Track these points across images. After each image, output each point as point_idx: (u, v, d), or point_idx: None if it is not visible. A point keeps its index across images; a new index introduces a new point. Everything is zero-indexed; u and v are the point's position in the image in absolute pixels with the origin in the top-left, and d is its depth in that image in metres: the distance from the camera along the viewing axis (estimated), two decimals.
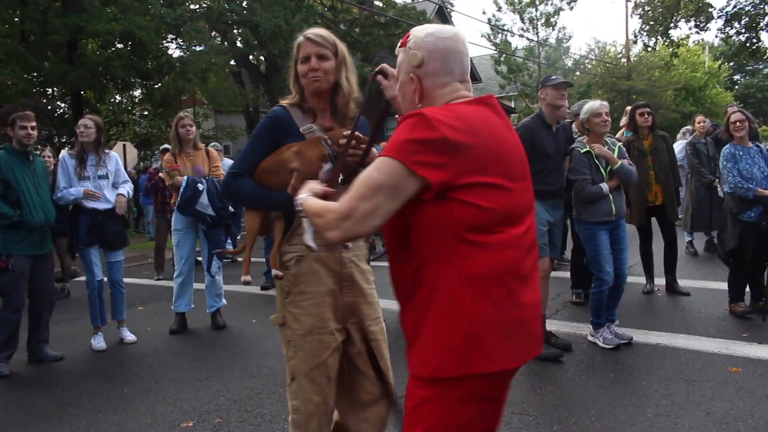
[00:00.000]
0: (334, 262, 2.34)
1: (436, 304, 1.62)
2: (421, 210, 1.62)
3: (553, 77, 4.72)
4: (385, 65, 2.15)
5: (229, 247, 6.09)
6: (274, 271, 2.37)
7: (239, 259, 10.40)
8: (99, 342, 5.50)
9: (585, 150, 4.73)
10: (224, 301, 6.11)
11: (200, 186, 5.68)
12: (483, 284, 1.60)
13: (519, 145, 1.80)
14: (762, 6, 23.18)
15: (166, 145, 9.91)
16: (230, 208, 5.89)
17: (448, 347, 1.60)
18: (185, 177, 5.70)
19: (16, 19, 16.40)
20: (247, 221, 2.46)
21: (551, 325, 5.04)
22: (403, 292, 1.73)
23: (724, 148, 5.49)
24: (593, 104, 4.80)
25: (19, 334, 5.07)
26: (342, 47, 2.42)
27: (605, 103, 4.88)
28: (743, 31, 24.22)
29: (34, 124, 5.05)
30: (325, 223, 1.66)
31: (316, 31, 2.39)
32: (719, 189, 7.14)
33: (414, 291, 1.67)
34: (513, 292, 1.64)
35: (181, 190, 5.65)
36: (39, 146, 16.30)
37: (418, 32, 1.79)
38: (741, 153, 5.34)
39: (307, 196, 1.87)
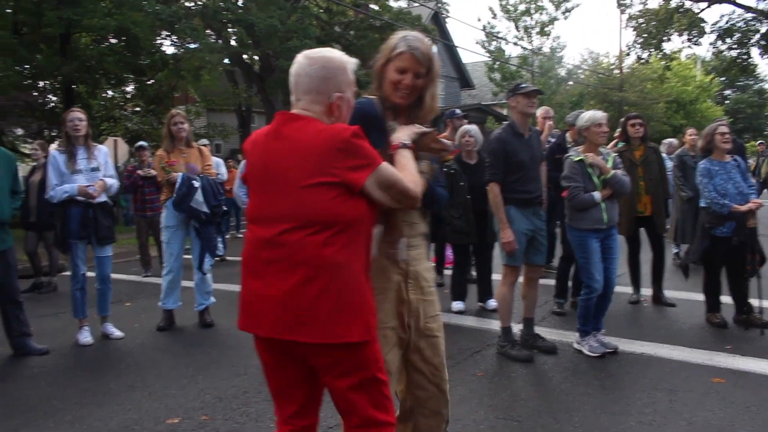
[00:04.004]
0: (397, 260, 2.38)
1: None
2: None
3: (523, 85, 4.76)
4: None
5: (220, 246, 6.08)
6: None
7: (229, 258, 10.39)
8: (85, 336, 5.48)
9: (578, 158, 4.77)
10: (213, 299, 6.10)
11: (195, 183, 5.67)
12: (242, 264, 2.16)
13: (287, 157, 2.04)
14: (753, 23, 23.45)
15: (141, 143, 9.86)
16: (223, 206, 5.90)
17: None
18: (180, 174, 5.69)
19: (9, 11, 16.29)
20: None
21: (538, 332, 5.07)
22: None
23: (700, 163, 5.50)
24: (596, 114, 4.81)
25: None
26: (437, 64, 2.42)
27: (606, 114, 4.91)
28: (735, 46, 24.51)
29: None
30: None
31: (420, 47, 2.36)
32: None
33: None
34: (245, 276, 2.13)
35: (177, 186, 5.64)
36: (30, 140, 16.30)
37: None
38: (717, 168, 5.36)
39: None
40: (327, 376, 2.08)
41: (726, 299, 5.65)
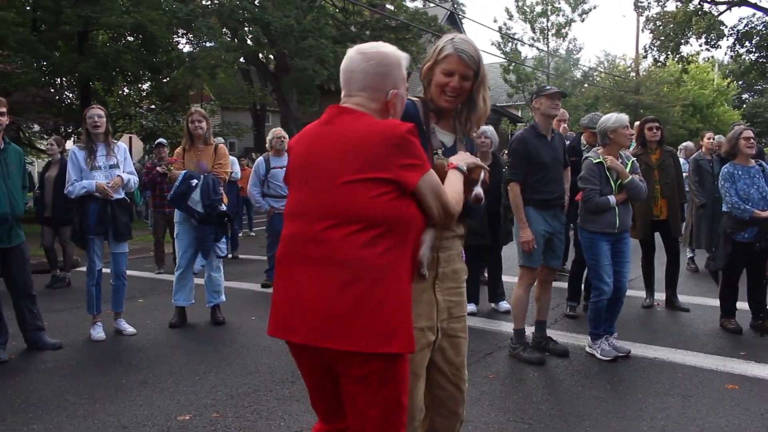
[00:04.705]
0: (431, 261, 2.34)
1: None
2: None
3: (548, 87, 4.77)
4: None
5: (222, 247, 6.02)
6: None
7: (241, 256, 10.44)
8: (98, 332, 5.52)
9: (597, 160, 4.73)
10: (223, 297, 6.11)
11: (193, 182, 5.68)
12: (276, 264, 2.05)
13: (335, 150, 1.94)
14: None
15: (161, 140, 9.94)
16: (222, 207, 5.85)
17: None
18: (183, 171, 5.74)
19: (28, 8, 16.47)
20: None
21: (550, 334, 5.05)
22: None
23: (723, 167, 5.45)
24: (622, 116, 4.76)
25: (7, 322, 5.09)
26: (483, 66, 2.42)
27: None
28: (754, 50, 24.27)
29: (3, 110, 4.89)
30: None
31: (467, 49, 2.35)
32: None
33: None
34: (279, 277, 2.01)
35: (176, 184, 5.70)
36: (46, 136, 16.43)
37: None
38: (740, 173, 5.31)
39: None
40: (351, 388, 1.93)
41: (740, 305, 5.59)
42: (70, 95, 19.02)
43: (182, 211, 5.81)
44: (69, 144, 13.61)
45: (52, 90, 17.83)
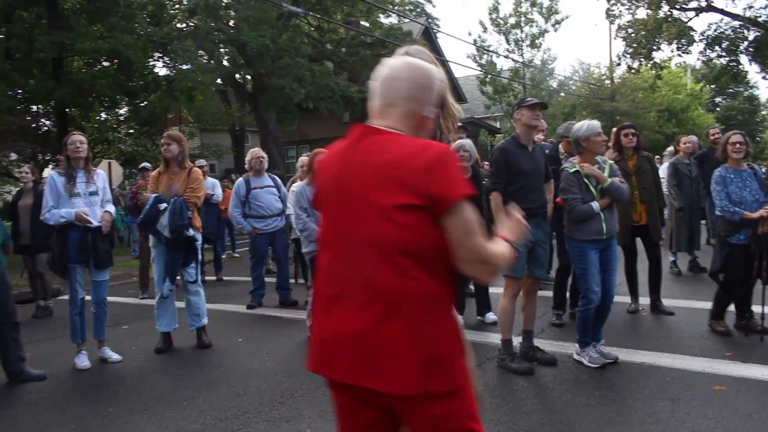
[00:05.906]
0: None
1: None
2: None
3: (529, 99, 4.85)
4: None
5: (191, 272, 5.97)
6: None
7: (226, 278, 10.37)
8: (83, 361, 5.44)
9: (574, 170, 4.78)
10: (205, 320, 6.03)
11: (162, 206, 5.62)
12: (314, 296, 1.92)
13: (366, 174, 1.79)
14: (741, 30, 23.66)
15: (145, 164, 9.90)
16: (189, 232, 5.73)
17: None
18: (152, 195, 5.70)
19: (1, 36, 16.35)
20: None
21: (537, 344, 5.06)
22: None
23: (716, 170, 5.47)
24: (593, 122, 4.82)
25: None
26: (443, 71, 2.44)
27: (599, 123, 4.93)
28: (724, 54, 24.71)
29: None
30: None
31: (425, 57, 2.25)
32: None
33: None
34: (317, 310, 1.88)
35: (146, 208, 5.67)
36: (22, 164, 16.30)
37: None
38: (732, 176, 5.34)
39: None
40: (412, 425, 1.80)
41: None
42: (47, 122, 18.88)
43: (152, 235, 5.79)
44: (46, 172, 13.50)
45: (29, 117, 17.70)
